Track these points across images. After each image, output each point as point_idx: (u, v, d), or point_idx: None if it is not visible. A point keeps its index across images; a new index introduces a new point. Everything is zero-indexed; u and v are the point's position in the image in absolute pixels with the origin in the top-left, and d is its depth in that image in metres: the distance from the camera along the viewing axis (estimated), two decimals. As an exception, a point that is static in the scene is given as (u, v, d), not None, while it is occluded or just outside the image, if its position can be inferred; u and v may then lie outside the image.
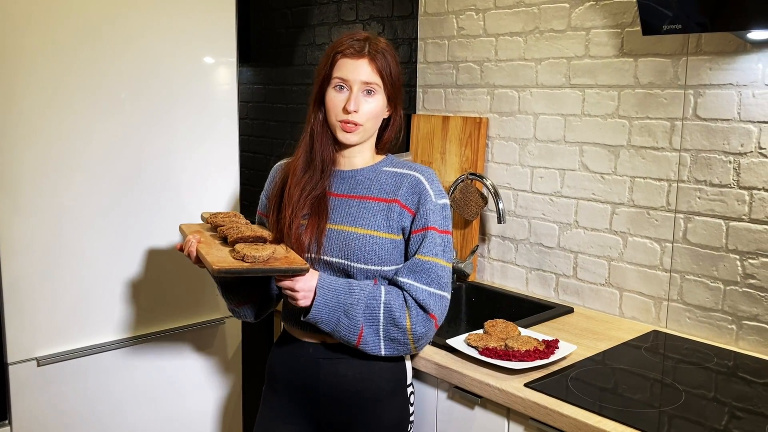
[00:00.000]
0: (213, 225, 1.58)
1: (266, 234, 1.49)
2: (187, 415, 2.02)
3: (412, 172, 1.52)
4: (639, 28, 1.85)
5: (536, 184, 2.17)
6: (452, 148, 2.35)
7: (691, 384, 1.51)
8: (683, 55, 1.80)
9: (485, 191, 2.23)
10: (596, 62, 1.98)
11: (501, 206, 2.11)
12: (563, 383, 1.49)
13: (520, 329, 1.74)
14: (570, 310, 2.03)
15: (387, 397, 1.52)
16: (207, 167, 1.96)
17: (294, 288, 1.40)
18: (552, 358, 1.58)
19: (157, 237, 1.89)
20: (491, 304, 2.21)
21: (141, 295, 1.89)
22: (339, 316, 1.42)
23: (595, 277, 2.04)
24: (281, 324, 1.64)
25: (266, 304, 1.63)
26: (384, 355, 1.47)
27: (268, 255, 1.37)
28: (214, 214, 1.61)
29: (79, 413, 1.80)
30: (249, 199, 2.49)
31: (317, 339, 1.52)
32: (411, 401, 1.57)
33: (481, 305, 2.24)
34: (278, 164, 1.66)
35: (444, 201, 1.52)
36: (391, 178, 1.53)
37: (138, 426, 1.92)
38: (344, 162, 1.56)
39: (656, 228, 1.89)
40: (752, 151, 1.69)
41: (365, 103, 1.48)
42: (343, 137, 1.50)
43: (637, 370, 1.58)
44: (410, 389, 1.57)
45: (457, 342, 1.67)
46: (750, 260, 1.71)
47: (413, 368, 1.62)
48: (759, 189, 1.69)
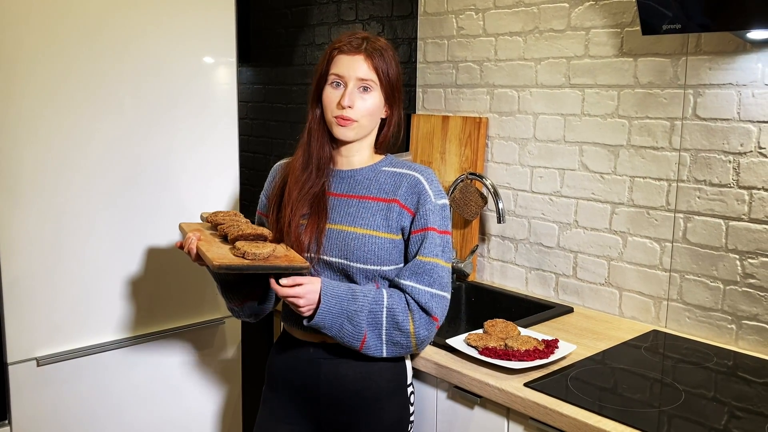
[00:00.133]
0: (213, 224, 1.58)
1: (267, 232, 1.49)
2: (187, 415, 2.02)
3: (412, 172, 1.52)
4: (638, 28, 1.85)
5: (536, 184, 2.17)
6: (452, 148, 2.35)
7: (691, 384, 1.51)
8: (683, 55, 1.80)
9: (485, 191, 2.23)
10: (596, 62, 1.98)
11: (501, 206, 2.11)
12: (563, 383, 1.49)
13: (520, 329, 1.74)
14: (570, 310, 2.03)
15: (387, 397, 1.52)
16: (207, 167, 1.96)
17: (297, 295, 1.38)
18: (552, 358, 1.58)
19: (157, 237, 1.89)
20: (491, 304, 2.21)
21: (141, 295, 1.88)
22: (342, 323, 1.42)
23: (595, 277, 2.04)
24: (281, 324, 1.64)
25: (266, 304, 1.63)
26: (385, 356, 1.47)
27: (269, 252, 1.37)
28: (215, 213, 1.61)
29: (79, 413, 1.80)
30: (249, 199, 2.49)
31: (317, 339, 1.52)
32: (411, 401, 1.57)
33: (481, 305, 2.24)
34: (278, 164, 1.66)
35: (443, 201, 1.52)
36: (391, 178, 1.53)
37: (138, 426, 1.92)
38: (343, 161, 1.56)
39: (656, 228, 1.89)
40: (752, 151, 1.69)
41: (360, 100, 1.47)
42: (339, 132, 1.49)
43: (637, 370, 1.58)
44: (410, 389, 1.57)
45: (457, 342, 1.67)
46: (750, 260, 1.71)
47: (413, 368, 1.62)
48: (758, 189, 1.69)
